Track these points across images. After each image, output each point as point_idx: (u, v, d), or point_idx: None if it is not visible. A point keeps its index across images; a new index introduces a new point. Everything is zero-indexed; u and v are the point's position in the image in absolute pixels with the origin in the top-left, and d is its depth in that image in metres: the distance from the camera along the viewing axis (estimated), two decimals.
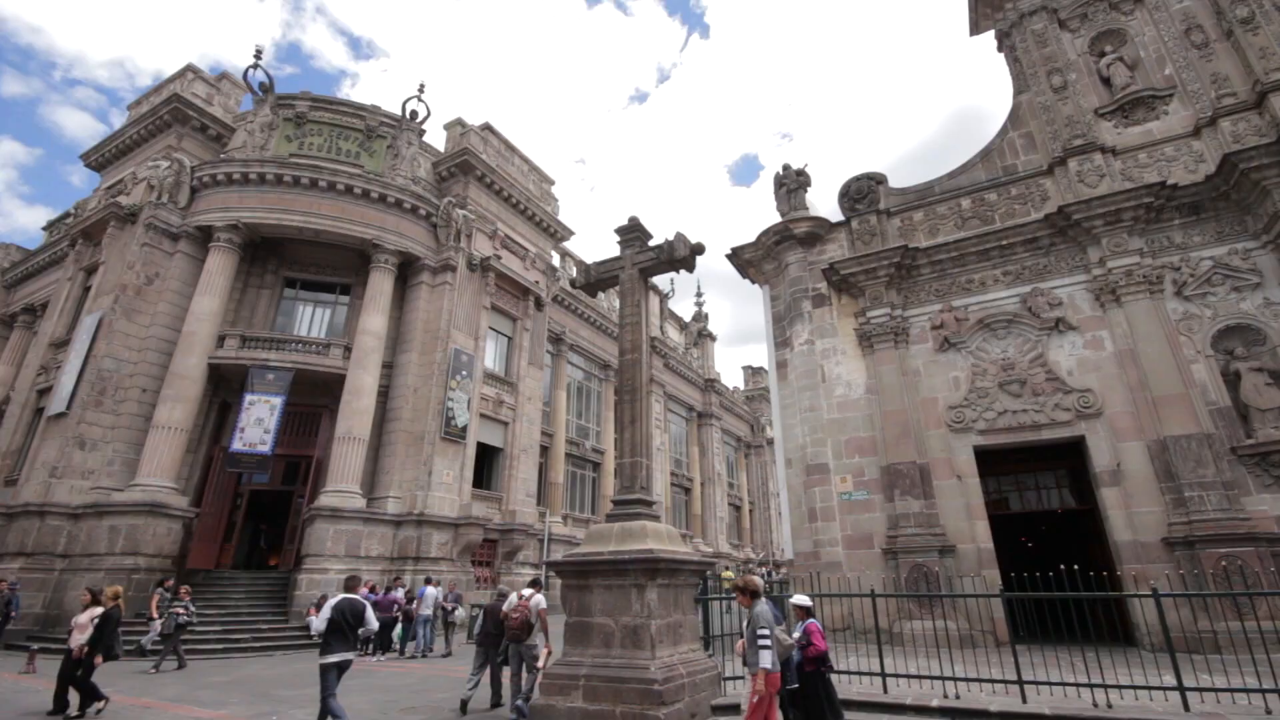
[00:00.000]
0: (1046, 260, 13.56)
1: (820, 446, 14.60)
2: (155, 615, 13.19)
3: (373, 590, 14.93)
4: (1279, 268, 11.62)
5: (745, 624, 5.70)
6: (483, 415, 21.57)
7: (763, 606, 5.40)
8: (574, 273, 25.62)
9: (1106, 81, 14.33)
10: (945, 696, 7.57)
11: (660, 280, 37.63)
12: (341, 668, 6.83)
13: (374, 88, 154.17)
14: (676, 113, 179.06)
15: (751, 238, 17.25)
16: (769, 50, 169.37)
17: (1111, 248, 12.69)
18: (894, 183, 16.02)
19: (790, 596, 7.65)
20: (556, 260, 28.55)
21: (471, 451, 20.53)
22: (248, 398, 18.14)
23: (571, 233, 27.17)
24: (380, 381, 19.85)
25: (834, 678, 8.29)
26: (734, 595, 7.14)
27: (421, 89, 22.49)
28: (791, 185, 16.96)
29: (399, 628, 14.35)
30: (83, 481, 16.61)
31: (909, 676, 8.06)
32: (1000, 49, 16.19)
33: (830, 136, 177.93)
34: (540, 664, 7.79)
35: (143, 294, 18.62)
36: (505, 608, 8.20)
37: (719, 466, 39.85)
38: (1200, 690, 6.86)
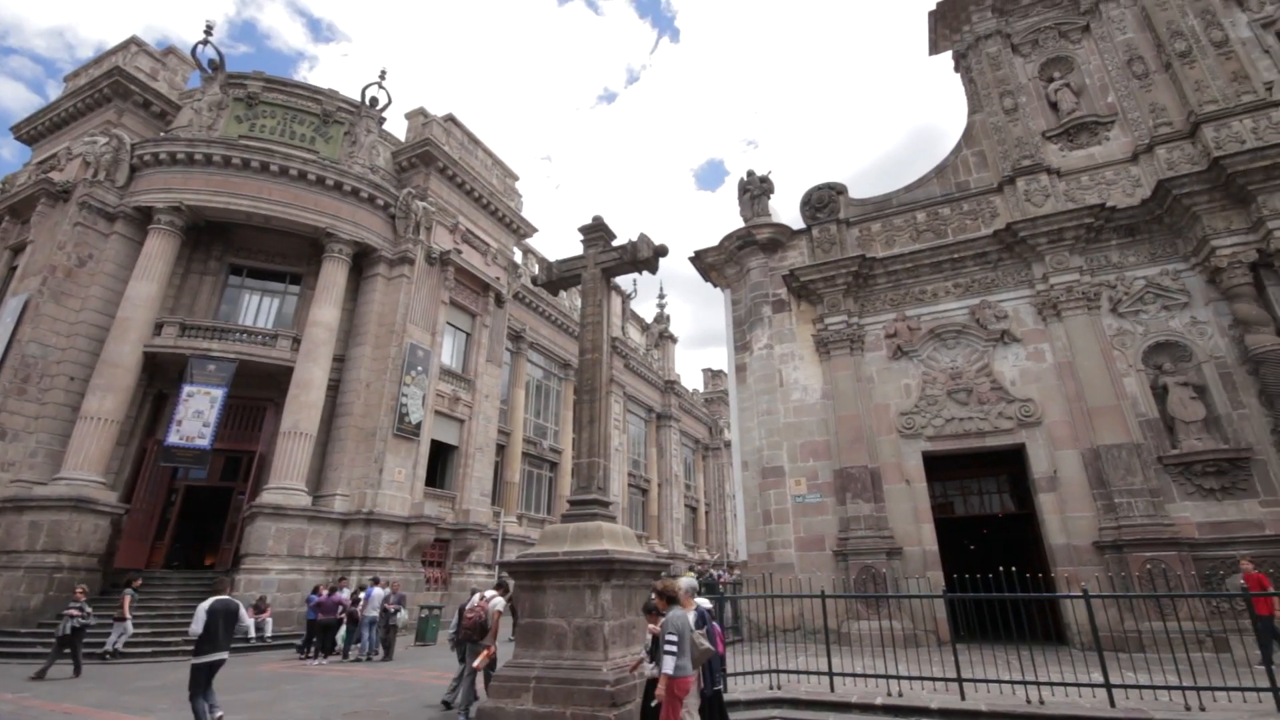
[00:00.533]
0: (994, 274, 14.10)
1: (776, 449, 14.82)
2: (126, 616, 12.86)
3: (316, 591, 14.41)
4: (1205, 289, 12.37)
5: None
6: (438, 412, 21.11)
7: (676, 612, 5.41)
8: (536, 270, 25.38)
9: (1054, 106, 15.00)
10: (889, 695, 7.77)
11: (623, 281, 37.70)
12: (212, 668, 7.16)
13: (333, 73, 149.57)
14: (645, 114, 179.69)
15: (715, 242, 17.43)
16: (738, 58, 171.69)
17: (1054, 265, 13.28)
18: (854, 194, 16.39)
19: (742, 597, 7.71)
20: (518, 257, 28.20)
21: (425, 449, 20.06)
22: (186, 389, 17.28)
23: (535, 229, 26.89)
24: (331, 375, 19.21)
25: (784, 678, 8.50)
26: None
27: (383, 75, 21.89)
28: (755, 191, 17.18)
29: (343, 630, 13.88)
30: (2, 474, 15.53)
31: (855, 675, 8.24)
32: (957, 69, 16.78)
33: (795, 146, 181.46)
34: (476, 665, 7.69)
35: (74, 276, 17.53)
36: (465, 607, 8.16)
37: (677, 468, 40.06)
38: (1125, 687, 7.21)
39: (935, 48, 17.55)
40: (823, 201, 16.26)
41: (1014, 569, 8.55)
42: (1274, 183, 11.57)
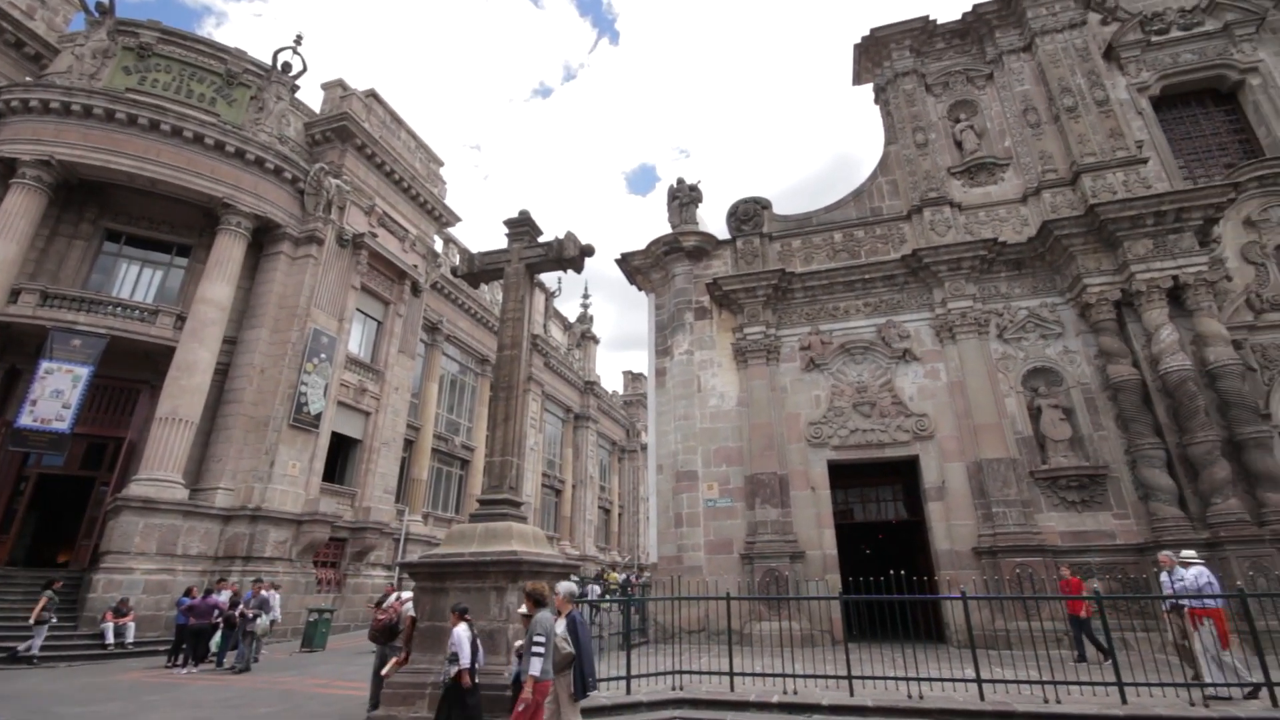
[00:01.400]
0: (900, 296, 15.02)
1: (691, 454, 15.06)
2: (38, 619, 12.08)
3: (189, 594, 13.15)
4: (1077, 321, 13.75)
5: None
6: (341, 403, 19.90)
7: (544, 614, 5.36)
8: (457, 260, 24.51)
9: (959, 145, 16.21)
10: (785, 693, 8.03)
11: (547, 278, 37.18)
12: None
13: (244, 32, 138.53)
14: (580, 113, 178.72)
15: (642, 245, 17.52)
16: (676, 67, 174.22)
17: (952, 291, 14.33)
18: (778, 210, 16.98)
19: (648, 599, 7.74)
20: (439, 245, 27.16)
21: (324, 442, 18.83)
22: (44, 365, 15.34)
23: (458, 219, 26.00)
24: (220, 358, 17.65)
25: (687, 678, 8.59)
26: (607, 598, 7.11)
27: (299, 40, 20.46)
28: (684, 199, 17.43)
29: (218, 636, 12.73)
30: None
31: (755, 675, 8.46)
32: (877, 101, 17.78)
33: (724, 159, 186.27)
34: (384, 672, 7.26)
35: None
36: (377, 609, 7.85)
37: (592, 469, 39.93)
38: (993, 682, 7.82)
39: (858, 79, 18.53)
40: (748, 214, 16.74)
41: (903, 572, 9.10)
42: (1138, 231, 13.03)
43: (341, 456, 20.80)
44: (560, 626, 5.51)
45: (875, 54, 17.58)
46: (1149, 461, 12.11)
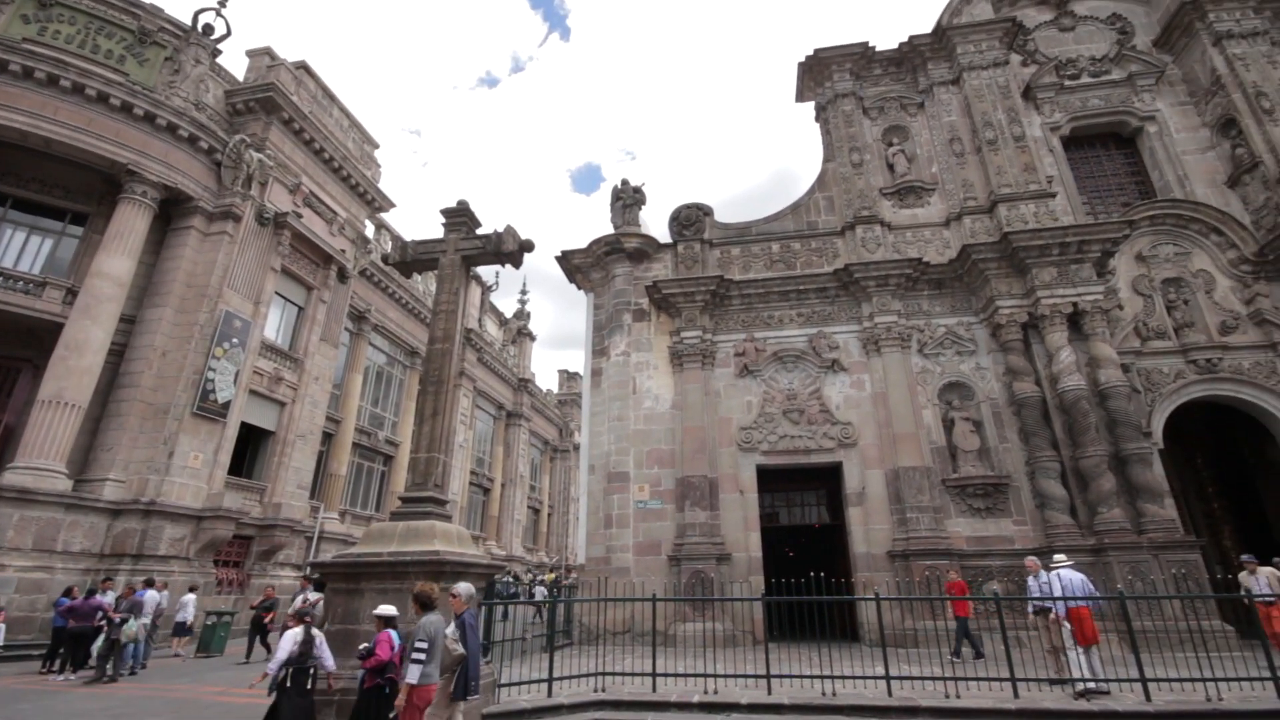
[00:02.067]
0: (832, 308, 15.58)
1: (624, 455, 15.06)
2: None
3: (69, 594, 11.95)
4: (989, 340, 14.68)
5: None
6: (253, 392, 18.67)
7: (430, 617, 5.24)
8: (389, 247, 23.53)
9: (891, 167, 16.99)
10: (706, 692, 8.14)
11: (485, 271, 36.36)
12: None
13: None
14: (526, 106, 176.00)
15: (584, 244, 17.42)
16: (626, 69, 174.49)
17: (879, 306, 14.99)
18: (720, 218, 17.26)
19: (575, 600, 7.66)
20: (370, 231, 25.99)
21: (233, 432, 17.59)
22: None
23: (392, 204, 24.96)
24: (115, 338, 16.20)
25: (609, 680, 8.55)
26: (527, 599, 6.97)
27: (223, 2, 19.10)
28: (628, 201, 17.44)
29: (100, 639, 11.61)
30: None
31: (677, 675, 8.54)
32: (817, 119, 18.39)
33: (670, 164, 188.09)
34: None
35: None
36: (290, 610, 7.32)
37: (523, 468, 39.28)
38: (901, 679, 8.22)
39: (801, 96, 19.12)
40: (690, 220, 16.93)
41: (823, 574, 9.42)
42: (1045, 259, 14.06)
43: (252, 449, 19.52)
44: (450, 628, 5.41)
45: (818, 74, 18.19)
46: (1046, 472, 13.08)
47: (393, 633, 5.78)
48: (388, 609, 5.99)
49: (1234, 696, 7.51)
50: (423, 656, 4.99)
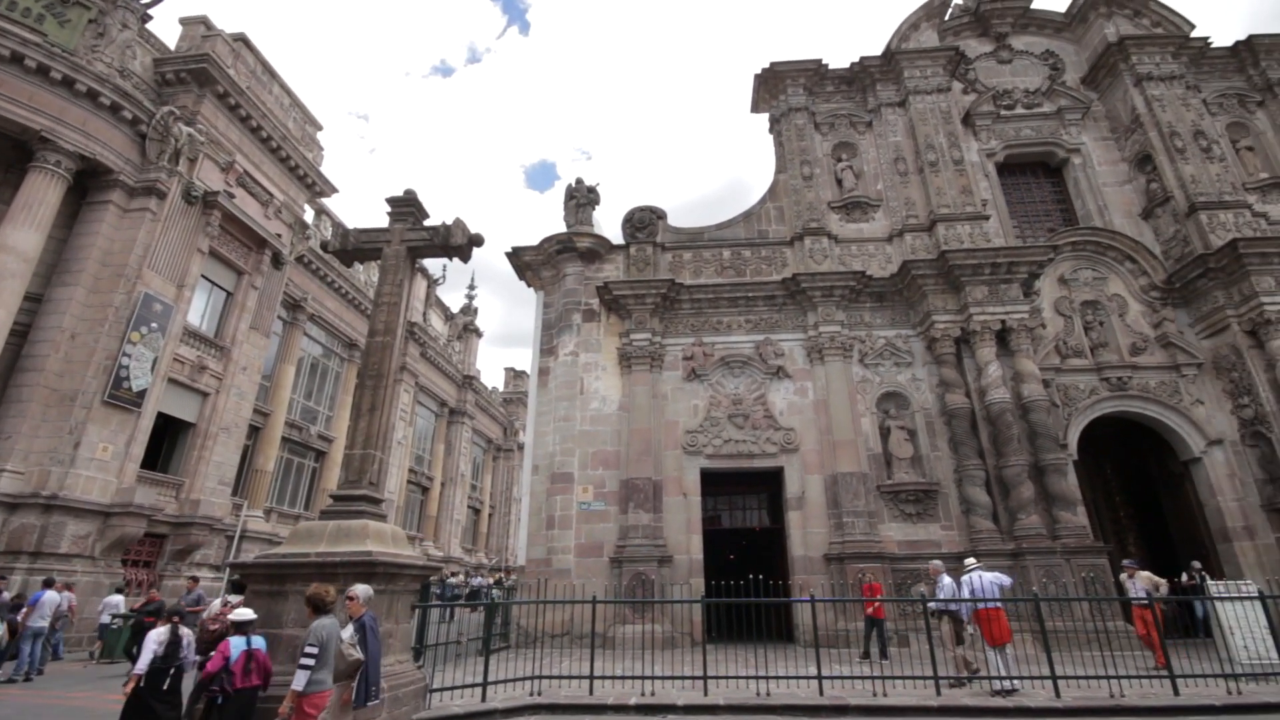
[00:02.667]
0: (779, 316, 15.92)
1: (569, 456, 14.93)
2: None
3: None
4: (925, 353, 15.32)
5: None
6: (174, 381, 17.51)
7: (321, 621, 5.05)
8: (330, 234, 22.58)
9: (840, 182, 17.53)
10: (643, 694, 8.14)
11: (431, 264, 35.41)
12: None
13: None
14: (482, 98, 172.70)
15: (536, 241, 17.20)
16: (586, 69, 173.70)
17: (824, 315, 15.42)
18: (673, 222, 17.37)
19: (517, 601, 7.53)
20: (310, 216, 24.86)
21: (148, 423, 16.42)
22: None
23: (335, 189, 23.95)
24: (19, 318, 14.88)
25: (546, 683, 8.42)
26: (468, 601, 6.77)
27: None
28: (582, 200, 17.33)
29: None
30: None
31: (615, 678, 8.50)
32: (771, 131, 18.78)
33: (625, 167, 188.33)
34: None
35: None
36: (204, 616, 7.22)
37: (464, 467, 38.36)
38: (832, 678, 8.44)
39: (756, 107, 19.49)
40: (643, 222, 16.97)
41: (761, 577, 9.58)
42: (978, 278, 14.80)
43: (170, 441, 18.30)
44: (348, 632, 5.22)
45: (773, 86, 18.58)
46: (972, 480, 13.74)
47: (235, 640, 5.48)
48: (243, 613, 5.74)
49: (1134, 693, 8.06)
50: (311, 662, 4.74)
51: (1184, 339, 15.17)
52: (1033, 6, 19.06)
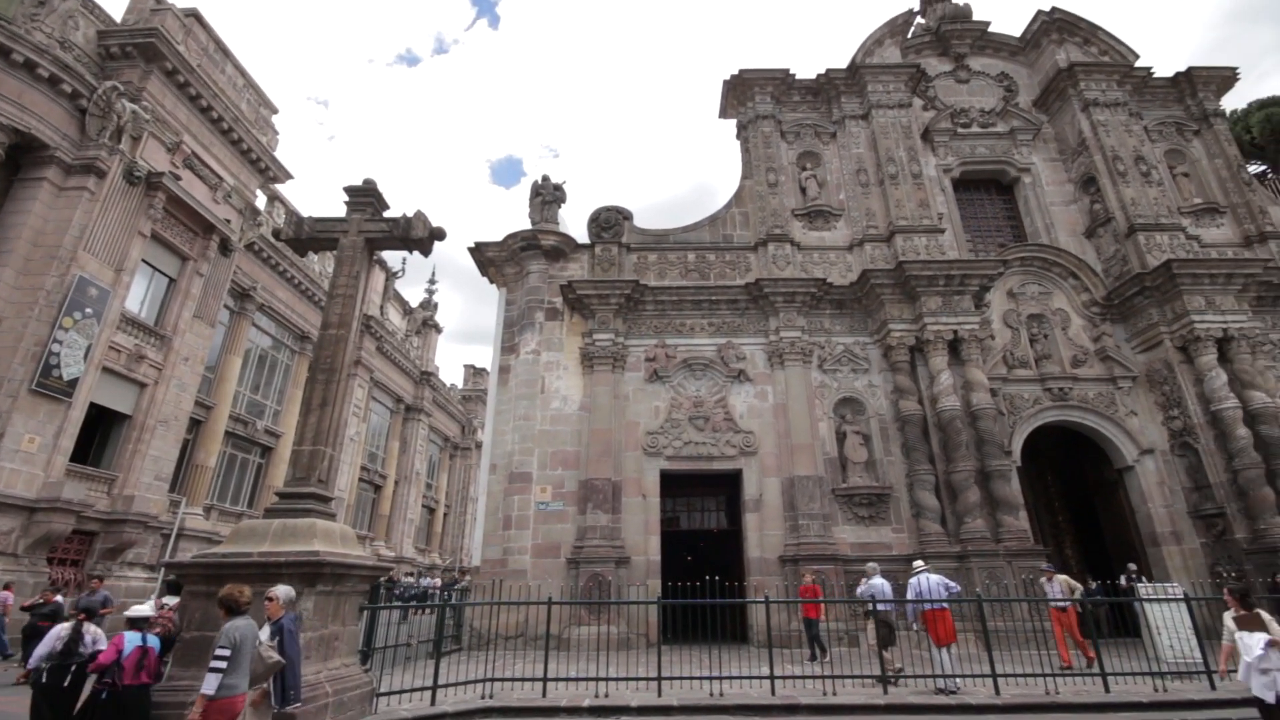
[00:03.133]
0: (741, 320, 16.09)
1: (528, 455, 14.76)
2: None
3: None
4: (881, 360, 15.71)
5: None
6: (109, 370, 16.59)
7: (235, 623, 4.80)
8: (284, 222, 21.76)
9: (804, 190, 17.83)
10: (597, 696, 8.09)
11: (391, 257, 34.56)
12: None
13: None
14: (448, 90, 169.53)
15: (500, 237, 16.96)
16: (555, 66, 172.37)
17: (785, 321, 15.65)
18: (638, 224, 17.36)
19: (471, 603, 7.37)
20: (262, 202, 23.93)
21: (79, 414, 15.50)
22: None
23: (290, 175, 23.12)
24: None
25: (499, 686, 8.28)
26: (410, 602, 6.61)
27: None
28: (548, 197, 17.17)
29: None
30: None
31: (569, 680, 8.44)
32: (738, 137, 18.98)
33: (593, 167, 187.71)
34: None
35: None
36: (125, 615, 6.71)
37: (420, 465, 37.53)
38: (783, 678, 8.56)
39: (724, 113, 19.67)
40: (609, 223, 16.92)
41: (718, 578, 9.65)
42: (932, 289, 15.25)
43: (103, 433, 17.33)
44: (265, 634, 5.08)
45: (741, 93, 18.78)
46: (923, 485, 14.15)
47: (129, 635, 5.43)
48: (140, 609, 5.70)
49: (1069, 690, 8.42)
50: (223, 665, 4.52)
51: (1121, 353, 15.97)
52: (990, 30, 19.80)
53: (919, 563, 10.05)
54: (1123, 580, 13.34)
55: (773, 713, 7.87)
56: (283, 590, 5.44)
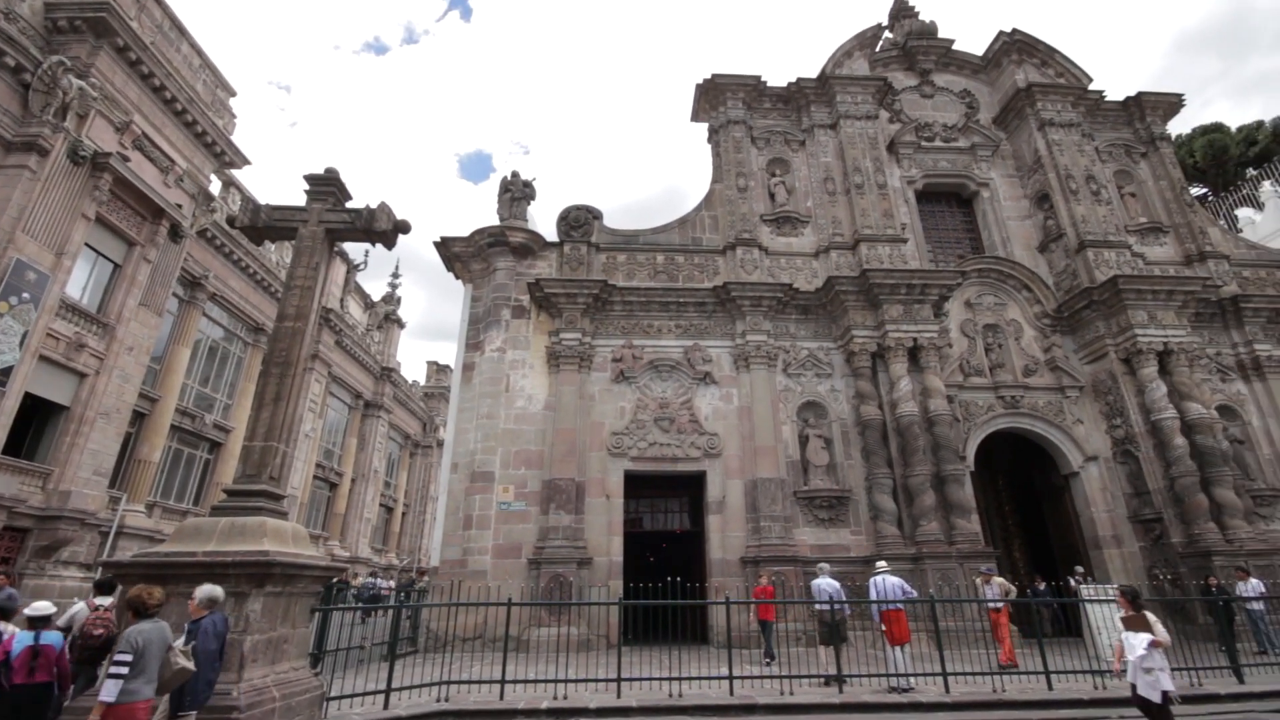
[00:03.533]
0: (709, 323, 16.19)
1: (491, 454, 14.56)
2: None
3: None
4: (844, 365, 16.01)
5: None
6: (45, 358, 15.71)
7: (139, 626, 4.61)
8: (240, 209, 20.95)
9: (773, 196, 18.07)
10: (555, 698, 8.02)
11: (353, 249, 33.72)
12: None
13: None
14: (417, 81, 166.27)
15: (467, 233, 16.69)
16: (528, 62, 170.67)
17: (752, 324, 15.81)
18: (608, 224, 17.31)
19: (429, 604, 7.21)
20: (217, 188, 23.04)
21: (12, 404, 14.64)
22: None
23: (247, 161, 22.30)
24: None
25: (455, 688, 8.13)
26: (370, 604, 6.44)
27: None
28: (517, 194, 16.99)
29: None
30: None
31: (527, 681, 8.34)
32: (710, 141, 19.12)
33: (563, 165, 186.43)
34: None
35: None
36: (76, 622, 6.85)
37: (378, 463, 36.66)
38: (742, 678, 8.63)
39: (696, 116, 19.79)
40: (579, 221, 16.83)
41: (680, 579, 9.68)
42: (894, 297, 15.62)
43: (39, 425, 16.40)
44: (183, 639, 4.91)
45: (713, 98, 18.93)
46: (880, 488, 14.47)
47: (20, 635, 5.40)
48: (40, 607, 5.62)
49: (1014, 688, 8.70)
50: (123, 670, 4.30)
51: (1069, 363, 16.63)
52: (954, 48, 20.41)
53: (881, 564, 10.27)
54: (1072, 582, 13.86)
55: (730, 713, 7.93)
56: (203, 591, 5.21)
